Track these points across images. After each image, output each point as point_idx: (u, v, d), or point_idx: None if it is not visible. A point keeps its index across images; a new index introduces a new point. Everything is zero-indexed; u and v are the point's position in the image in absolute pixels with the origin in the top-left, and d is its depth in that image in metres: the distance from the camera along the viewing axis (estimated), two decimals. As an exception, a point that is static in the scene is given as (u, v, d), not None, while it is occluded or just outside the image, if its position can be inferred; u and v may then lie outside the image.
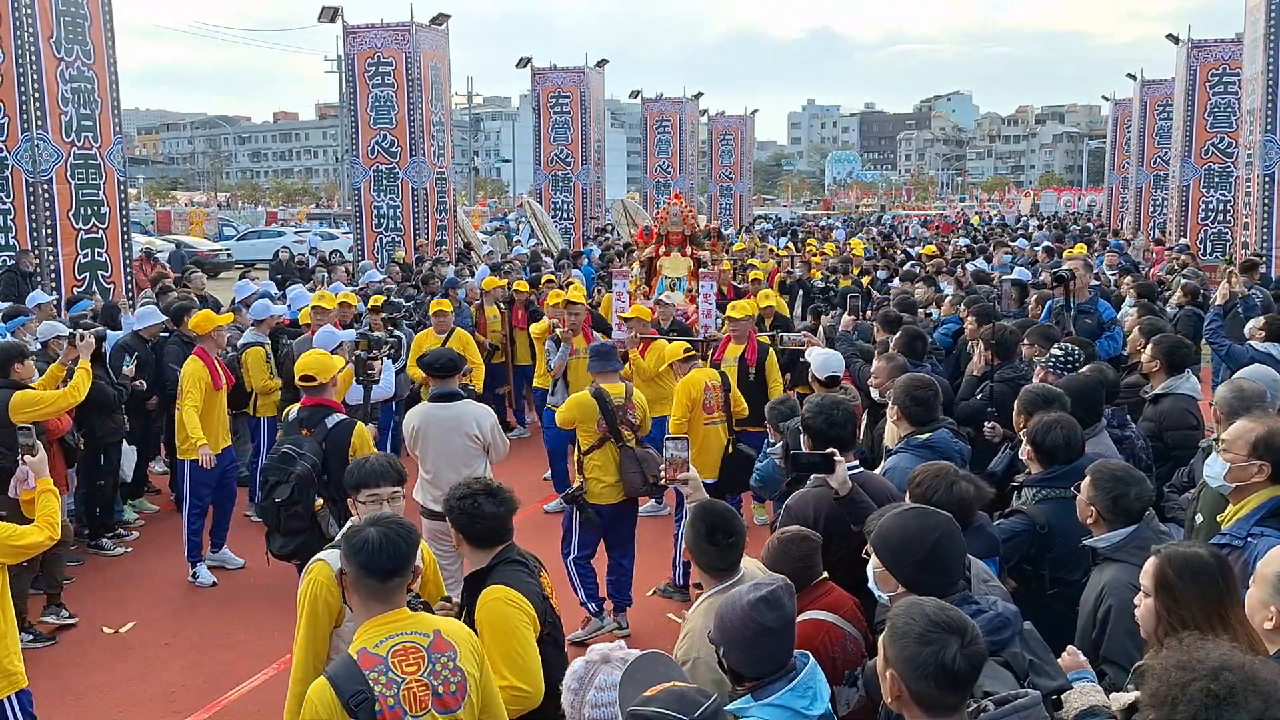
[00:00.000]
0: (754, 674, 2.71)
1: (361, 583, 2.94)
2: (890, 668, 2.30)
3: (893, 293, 11.71)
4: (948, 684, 2.24)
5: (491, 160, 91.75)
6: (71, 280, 12.89)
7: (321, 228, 38.04)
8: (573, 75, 28.07)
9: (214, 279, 24.86)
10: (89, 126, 13.01)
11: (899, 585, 2.94)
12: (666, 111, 35.15)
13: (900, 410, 4.81)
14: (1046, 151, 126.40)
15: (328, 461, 5.60)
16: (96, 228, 13.24)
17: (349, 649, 2.93)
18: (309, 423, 5.79)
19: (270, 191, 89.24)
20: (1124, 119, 33.07)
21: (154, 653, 6.51)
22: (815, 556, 3.56)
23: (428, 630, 2.96)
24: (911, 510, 3.07)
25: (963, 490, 3.57)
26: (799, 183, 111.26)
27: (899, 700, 2.31)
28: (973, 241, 23.73)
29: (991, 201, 73.03)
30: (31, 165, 12.38)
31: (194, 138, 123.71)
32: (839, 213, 56.68)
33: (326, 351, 6.47)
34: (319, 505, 5.53)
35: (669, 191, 35.45)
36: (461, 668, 2.96)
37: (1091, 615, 3.42)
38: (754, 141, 45.07)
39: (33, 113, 12.27)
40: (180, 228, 42.16)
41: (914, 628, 2.28)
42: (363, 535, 2.94)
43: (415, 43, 19.83)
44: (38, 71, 12.27)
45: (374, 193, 20.45)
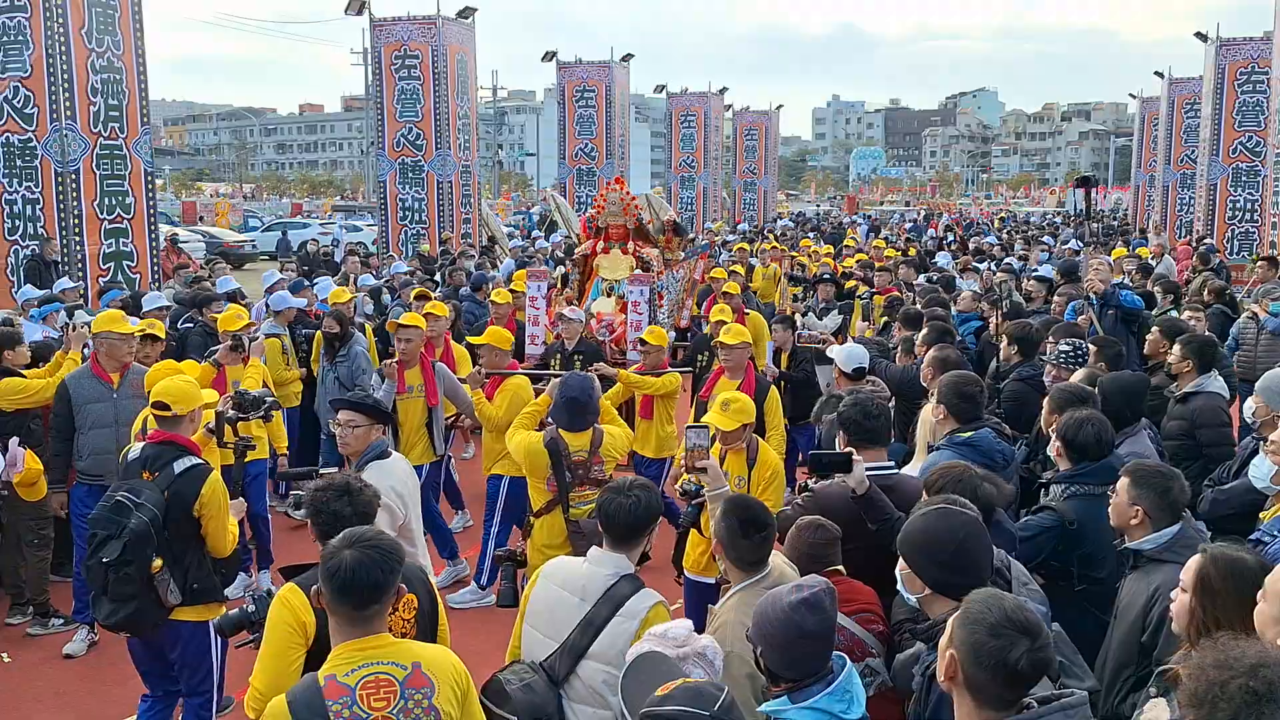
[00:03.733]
0: (791, 675, 2.68)
1: (335, 608, 2.73)
2: (953, 648, 2.30)
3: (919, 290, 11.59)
4: (1005, 680, 2.23)
5: (515, 154, 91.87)
6: (96, 269, 13.01)
7: (347, 220, 38.23)
8: (598, 69, 28.08)
9: (239, 269, 25.01)
10: (116, 117, 13.12)
11: (925, 587, 2.92)
12: (691, 106, 35.10)
13: (947, 408, 4.73)
14: (1073, 149, 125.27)
15: (169, 515, 4.46)
16: (121, 218, 13.35)
17: (320, 670, 2.72)
18: (153, 464, 4.56)
19: (295, 183, 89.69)
20: (1151, 117, 32.76)
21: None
22: (831, 547, 3.55)
23: (406, 661, 2.71)
24: (936, 510, 3.03)
25: (986, 494, 3.51)
26: (823, 178, 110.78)
27: (952, 681, 2.30)
28: (1000, 239, 23.54)
29: (1017, 199, 72.49)
30: (60, 155, 12.50)
31: (220, 129, 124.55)
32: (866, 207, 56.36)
33: (192, 379, 5.08)
34: (157, 566, 4.43)
35: (693, 187, 35.74)
36: (437, 706, 2.71)
37: (1141, 617, 3.38)
38: (778, 137, 44.87)
39: (61, 103, 12.39)
40: (206, 219, 42.50)
41: (988, 618, 2.26)
42: (337, 559, 2.70)
43: (441, 36, 19.87)
44: (67, 62, 12.38)
45: (399, 185, 20.52)
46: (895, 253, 16.11)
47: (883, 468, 4.15)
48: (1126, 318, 8.37)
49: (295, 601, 3.21)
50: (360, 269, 14.66)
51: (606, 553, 3.43)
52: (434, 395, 7.09)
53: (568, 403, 5.09)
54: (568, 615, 3.31)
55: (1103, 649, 3.60)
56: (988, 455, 4.51)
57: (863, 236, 27.31)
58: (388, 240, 20.77)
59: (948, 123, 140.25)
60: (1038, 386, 5.94)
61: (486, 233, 22.05)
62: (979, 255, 17.16)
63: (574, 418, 5.10)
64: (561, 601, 3.36)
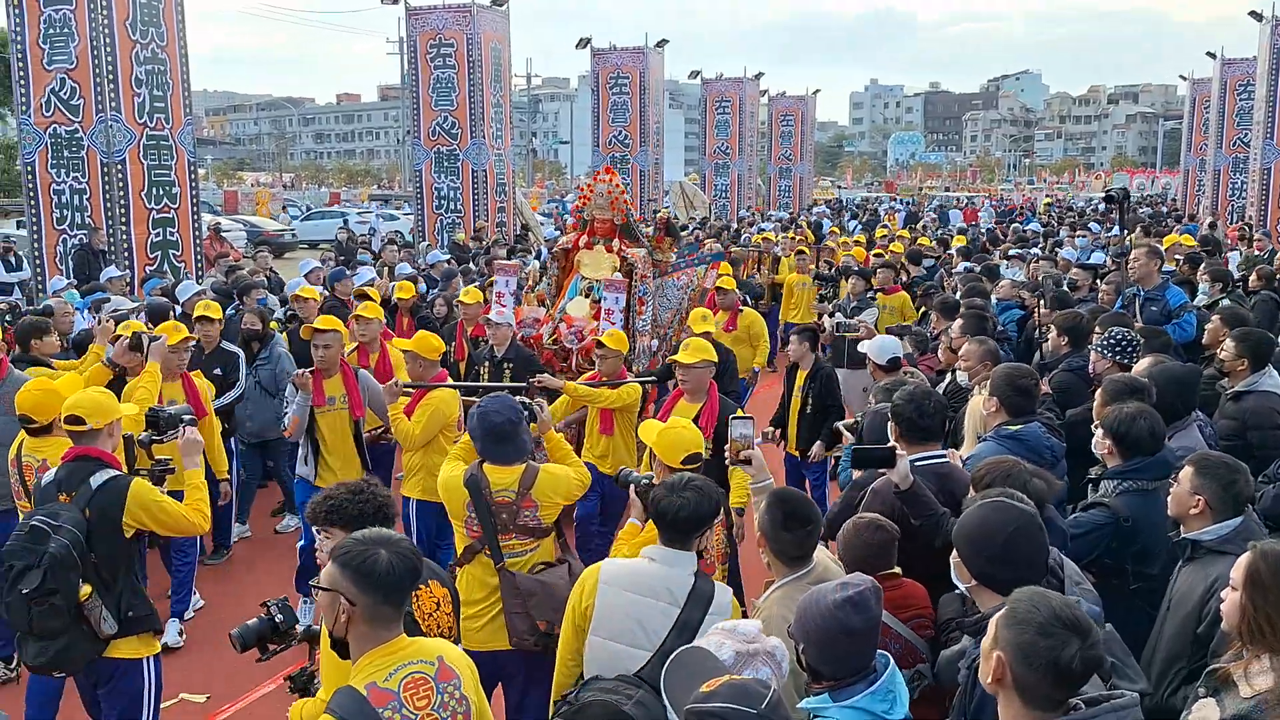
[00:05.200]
0: (833, 674, 2.65)
1: (377, 612, 2.62)
2: (999, 650, 2.25)
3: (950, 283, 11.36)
4: (1057, 681, 2.19)
5: (549, 142, 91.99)
6: (144, 259, 13.21)
7: (383, 209, 38.50)
8: (632, 56, 28.00)
9: (279, 258, 25.28)
10: (161, 108, 13.29)
11: (972, 578, 2.89)
12: (726, 92, 34.92)
13: (1000, 400, 4.62)
14: (1119, 132, 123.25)
15: (94, 534, 4.07)
16: (168, 208, 13.53)
17: (353, 681, 2.63)
18: (68, 484, 4.19)
19: (333, 172, 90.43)
20: (1202, 99, 32.10)
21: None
22: (888, 547, 3.49)
23: (432, 658, 2.71)
24: (992, 502, 2.99)
25: (1036, 489, 3.44)
26: (860, 164, 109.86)
27: (999, 683, 2.26)
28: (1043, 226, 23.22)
29: (1060, 184, 71.48)
30: (106, 146, 12.69)
31: (259, 119, 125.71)
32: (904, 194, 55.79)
33: (107, 390, 4.72)
34: (85, 594, 4.02)
35: (728, 174, 35.57)
36: (466, 695, 2.74)
37: (1197, 609, 3.33)
38: (814, 122, 44.51)
39: (107, 94, 12.56)
40: (247, 208, 42.98)
41: (1036, 617, 2.22)
42: (383, 562, 2.61)
43: (476, 24, 19.90)
44: (112, 54, 12.56)
45: (435, 174, 20.62)
46: (928, 241, 15.82)
47: (935, 457, 4.09)
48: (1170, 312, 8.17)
49: None
50: (398, 257, 14.75)
51: (673, 551, 3.34)
52: (358, 406, 6.29)
53: (486, 431, 4.24)
54: (659, 621, 3.20)
55: (1151, 641, 3.55)
56: (1035, 450, 4.43)
57: (900, 224, 27.05)
58: (423, 229, 20.89)
59: (989, 106, 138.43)
60: (1086, 377, 5.85)
61: (520, 221, 22.11)
62: (1022, 242, 16.90)
63: (495, 449, 4.25)
64: (647, 608, 3.25)
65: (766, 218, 29.15)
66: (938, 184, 71.70)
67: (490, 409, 4.28)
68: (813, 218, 27.88)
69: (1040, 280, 10.45)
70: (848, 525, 3.55)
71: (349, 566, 2.61)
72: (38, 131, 12.89)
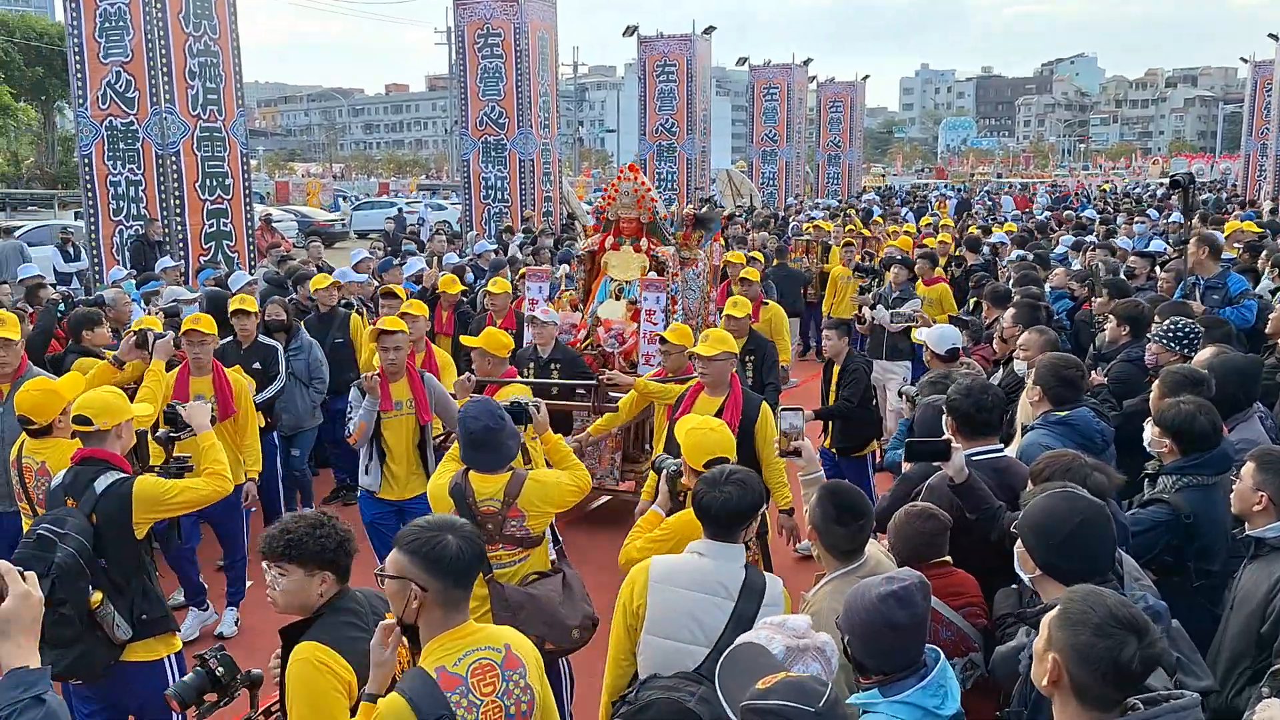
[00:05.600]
0: (879, 668, 2.62)
1: (448, 597, 2.68)
2: (1054, 651, 2.21)
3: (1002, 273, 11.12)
4: (1116, 681, 2.15)
5: (596, 130, 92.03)
6: (198, 249, 13.41)
7: (431, 199, 38.78)
8: (679, 43, 27.90)
9: (330, 248, 25.58)
10: (214, 100, 13.46)
11: (1037, 568, 2.84)
12: (774, 79, 34.68)
13: (1043, 390, 4.55)
14: (1177, 116, 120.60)
15: (102, 539, 4.01)
16: (221, 198, 13.72)
17: (423, 663, 2.69)
18: (75, 488, 4.13)
19: (382, 162, 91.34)
20: (1264, 82, 31.31)
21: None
22: (940, 536, 3.45)
23: (499, 644, 2.75)
24: (1060, 491, 2.95)
25: (1097, 483, 3.37)
26: (910, 150, 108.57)
27: (1056, 685, 2.22)
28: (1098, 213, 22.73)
29: (1117, 169, 70.09)
30: (160, 138, 12.88)
31: (310, 110, 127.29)
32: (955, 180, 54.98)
33: (116, 389, 4.55)
34: (96, 601, 3.95)
35: (775, 161, 35.30)
36: (530, 685, 2.77)
37: (1261, 608, 3.27)
38: (864, 108, 44.04)
39: (161, 87, 12.76)
40: (297, 198, 43.54)
41: (1092, 618, 2.18)
42: (450, 547, 2.67)
43: (524, 14, 19.92)
44: (166, 47, 12.74)
45: (482, 164, 20.69)
46: (975, 230, 15.46)
47: (991, 450, 4.02)
48: (1231, 299, 7.97)
49: (334, 663, 2.89)
50: (445, 247, 14.83)
51: (720, 545, 3.31)
52: (426, 411, 5.96)
53: (468, 437, 4.05)
54: (716, 616, 3.18)
55: (1215, 640, 3.47)
56: (1086, 435, 4.34)
57: (952, 212, 26.65)
58: (471, 219, 20.99)
59: (1043, 91, 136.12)
60: (1145, 368, 5.72)
61: (566, 210, 22.14)
62: (1080, 230, 16.55)
63: (479, 456, 4.06)
64: (702, 604, 3.22)
65: (814, 205, 28.92)
66: (990, 170, 70.64)
67: (469, 414, 4.08)
68: (862, 205, 27.58)
69: (1093, 269, 10.24)
70: (899, 513, 3.51)
71: (418, 554, 2.66)
72: (94, 124, 13.12)
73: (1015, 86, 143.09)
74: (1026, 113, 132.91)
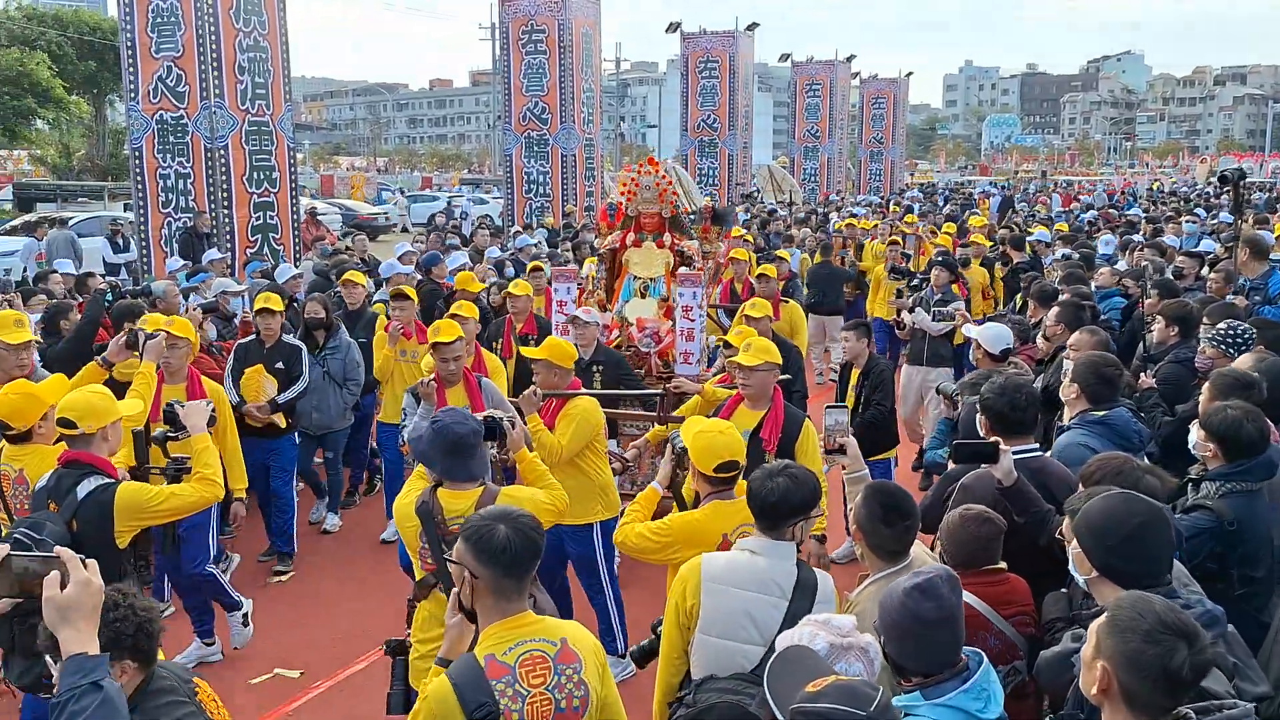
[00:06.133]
0: (916, 668, 2.59)
1: (498, 586, 2.71)
2: (1103, 659, 2.19)
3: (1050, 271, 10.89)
4: (1167, 689, 2.13)
5: (637, 126, 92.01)
6: (245, 242, 13.60)
7: (474, 193, 39.01)
8: (722, 39, 27.85)
9: (374, 241, 25.83)
10: (262, 95, 13.64)
11: (1094, 570, 2.81)
12: (817, 75, 34.51)
13: (1081, 388, 4.49)
14: (1225, 115, 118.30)
15: (81, 548, 3.62)
16: (268, 192, 13.90)
17: (475, 650, 2.72)
18: (57, 492, 3.96)
19: (426, 157, 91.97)
20: (1318, 79, 30.59)
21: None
22: (995, 541, 3.41)
23: (555, 638, 2.75)
24: (1120, 493, 2.91)
25: (1149, 486, 3.31)
26: (953, 147, 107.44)
27: (1105, 693, 2.20)
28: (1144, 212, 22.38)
29: (1164, 168, 68.93)
30: (209, 131, 13.07)
31: (355, 104, 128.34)
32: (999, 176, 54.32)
33: (104, 390, 4.33)
34: None
35: (817, 157, 35.06)
36: (586, 681, 2.74)
37: None
38: (907, 105, 43.65)
39: (211, 81, 12.94)
40: (342, 191, 43.97)
41: (1141, 624, 2.15)
42: (501, 536, 2.69)
43: (568, 10, 19.99)
44: (216, 42, 12.92)
45: (525, 159, 20.80)
46: (1007, 231, 15.04)
47: (1027, 450, 3.97)
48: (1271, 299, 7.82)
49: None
50: (489, 241, 14.92)
51: (772, 542, 3.29)
52: None
53: (446, 444, 3.71)
54: (771, 616, 3.15)
55: (1265, 647, 3.41)
56: (1124, 436, 4.29)
57: (994, 210, 26.33)
58: (513, 213, 21.10)
59: (1089, 88, 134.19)
60: (1194, 370, 5.64)
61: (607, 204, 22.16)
62: (1127, 228, 16.30)
63: (454, 463, 3.75)
64: (757, 604, 3.19)
65: (855, 201, 28.72)
66: (1034, 167, 69.75)
67: (446, 419, 3.76)
68: (905, 202, 27.34)
69: (1142, 269, 10.06)
70: (952, 517, 3.46)
71: (469, 540, 2.72)
72: (145, 118, 13.35)
73: (1060, 84, 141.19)
74: (1072, 110, 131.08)
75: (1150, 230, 15.57)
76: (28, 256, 17.73)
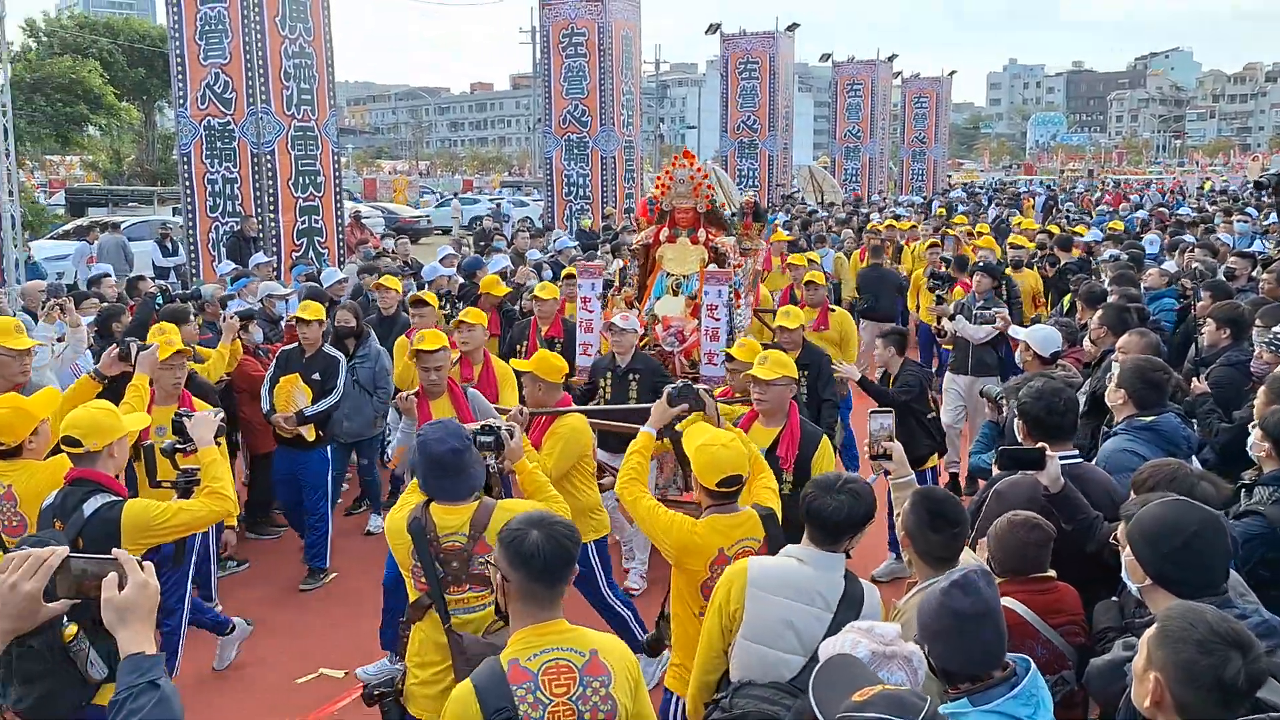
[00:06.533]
0: (962, 671, 2.57)
1: (528, 590, 2.71)
2: (1155, 670, 2.16)
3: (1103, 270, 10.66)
4: (1222, 700, 2.10)
5: (677, 127, 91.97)
6: (291, 245, 13.77)
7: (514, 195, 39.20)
8: (762, 40, 27.77)
9: (415, 244, 26.04)
10: (308, 100, 13.81)
11: (1148, 578, 2.76)
12: (858, 75, 34.31)
13: (1128, 393, 4.42)
14: (1277, 111, 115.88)
15: None
16: (313, 196, 14.07)
17: (500, 656, 2.71)
18: (63, 510, 3.87)
19: (467, 160, 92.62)
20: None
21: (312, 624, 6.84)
22: (1045, 548, 3.36)
23: (585, 649, 2.71)
24: (1175, 499, 2.86)
25: (1204, 492, 3.25)
26: (998, 146, 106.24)
27: (1159, 706, 2.17)
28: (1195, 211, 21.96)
29: (1214, 166, 67.66)
30: (256, 137, 13.26)
31: (397, 108, 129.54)
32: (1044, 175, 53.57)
33: (108, 405, 4.22)
34: (70, 635, 3.51)
35: (858, 158, 34.81)
36: (613, 695, 2.69)
37: None
38: (950, 104, 43.25)
39: (258, 88, 13.13)
40: (384, 195, 44.38)
41: (1193, 635, 2.12)
42: (531, 542, 2.68)
43: (608, 13, 20.03)
44: (263, 49, 13.10)
45: (564, 161, 20.86)
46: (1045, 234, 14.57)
47: (1067, 457, 3.91)
48: None
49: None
50: (529, 243, 14.99)
51: (822, 553, 3.25)
52: None
53: (429, 460, 3.56)
54: (814, 628, 3.12)
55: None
56: (1172, 442, 4.22)
57: (1038, 210, 25.99)
58: (553, 215, 21.18)
59: (1136, 85, 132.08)
60: (1248, 373, 5.53)
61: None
62: (1177, 228, 16.00)
63: (442, 483, 3.59)
64: (800, 614, 3.17)
65: (899, 201, 28.47)
66: (1080, 166, 68.78)
67: (429, 436, 3.59)
68: (949, 202, 27.07)
69: (1193, 270, 9.87)
70: (1002, 523, 3.41)
71: (503, 543, 2.74)
72: (193, 123, 13.56)
73: (1107, 81, 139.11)
74: (1119, 108, 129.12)
75: (1202, 230, 15.26)
76: (79, 260, 18.09)
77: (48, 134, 30.66)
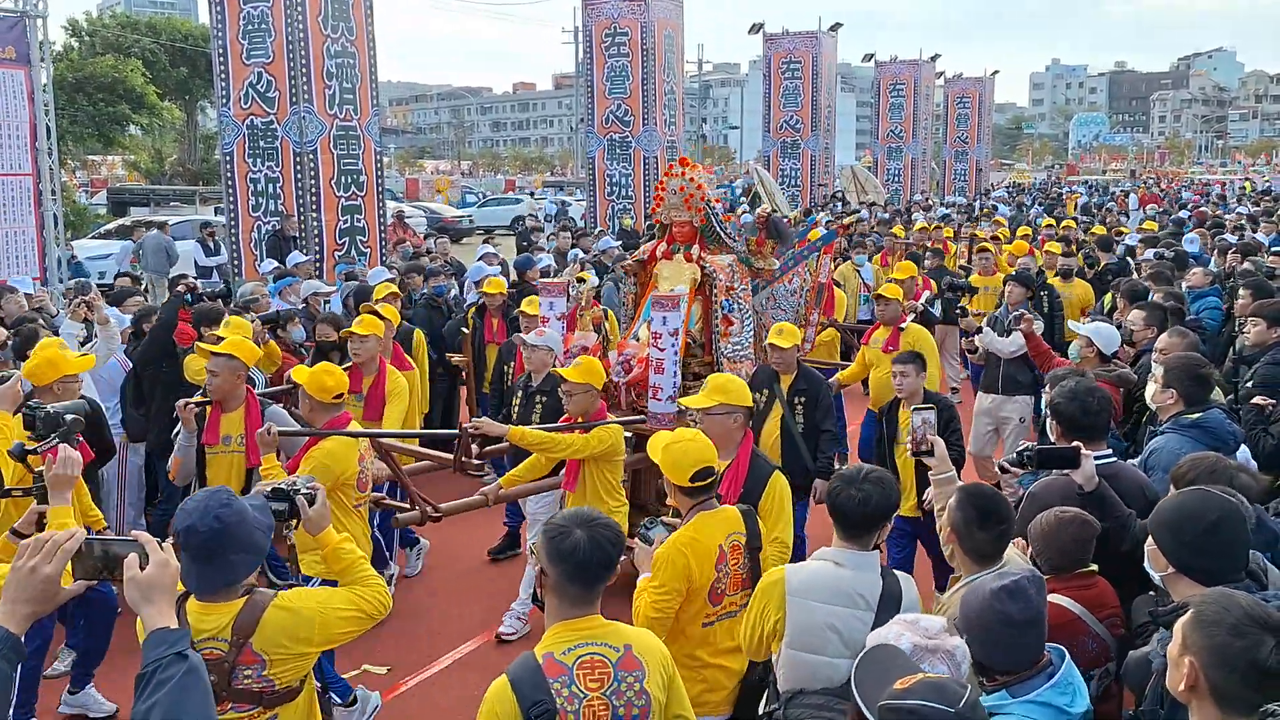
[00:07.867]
0: (1001, 667, 2.61)
1: (564, 587, 2.72)
2: (1189, 655, 2.17)
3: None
4: (1256, 682, 2.10)
5: (719, 127, 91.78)
6: (333, 244, 13.82)
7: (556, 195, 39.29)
8: (805, 40, 27.61)
9: (457, 244, 26.12)
10: (350, 100, 13.86)
11: (1169, 565, 2.79)
12: (901, 75, 34.05)
13: (1178, 391, 4.44)
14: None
15: None
16: (355, 195, 14.11)
17: (535, 649, 2.72)
18: None
19: (509, 160, 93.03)
20: None
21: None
22: (1090, 544, 3.37)
23: (619, 644, 2.73)
24: (1195, 489, 2.90)
25: (1243, 484, 3.26)
26: (1040, 146, 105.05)
27: (1193, 690, 2.17)
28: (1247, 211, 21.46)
29: (1257, 166, 66.45)
30: (298, 136, 13.30)
31: (440, 108, 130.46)
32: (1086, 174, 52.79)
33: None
34: None
35: (901, 158, 34.44)
36: (647, 690, 2.72)
37: None
38: (992, 104, 42.77)
39: (300, 87, 13.17)
40: (427, 195, 44.63)
41: (1227, 618, 2.14)
42: (572, 540, 2.70)
43: (650, 12, 19.96)
44: (306, 48, 13.15)
45: (607, 161, 20.80)
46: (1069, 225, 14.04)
47: (1101, 456, 3.91)
48: None
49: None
50: (570, 244, 14.92)
51: (853, 552, 3.26)
52: (256, 451, 4.86)
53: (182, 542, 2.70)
54: (857, 629, 3.11)
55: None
56: (1219, 438, 4.23)
57: (1079, 210, 25.52)
58: (595, 215, 21.11)
59: (1179, 85, 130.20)
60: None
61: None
62: (1217, 229, 15.63)
63: (199, 571, 2.76)
64: (841, 617, 3.17)
65: (944, 202, 28.11)
66: (1123, 166, 67.84)
67: (184, 509, 2.78)
68: (991, 203, 26.70)
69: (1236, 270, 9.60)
70: (1048, 518, 3.41)
71: (546, 535, 2.77)
72: (236, 123, 13.66)
73: (1150, 81, 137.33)
74: (1162, 108, 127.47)
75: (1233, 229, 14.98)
76: (122, 259, 18.30)
77: (90, 134, 31.03)
